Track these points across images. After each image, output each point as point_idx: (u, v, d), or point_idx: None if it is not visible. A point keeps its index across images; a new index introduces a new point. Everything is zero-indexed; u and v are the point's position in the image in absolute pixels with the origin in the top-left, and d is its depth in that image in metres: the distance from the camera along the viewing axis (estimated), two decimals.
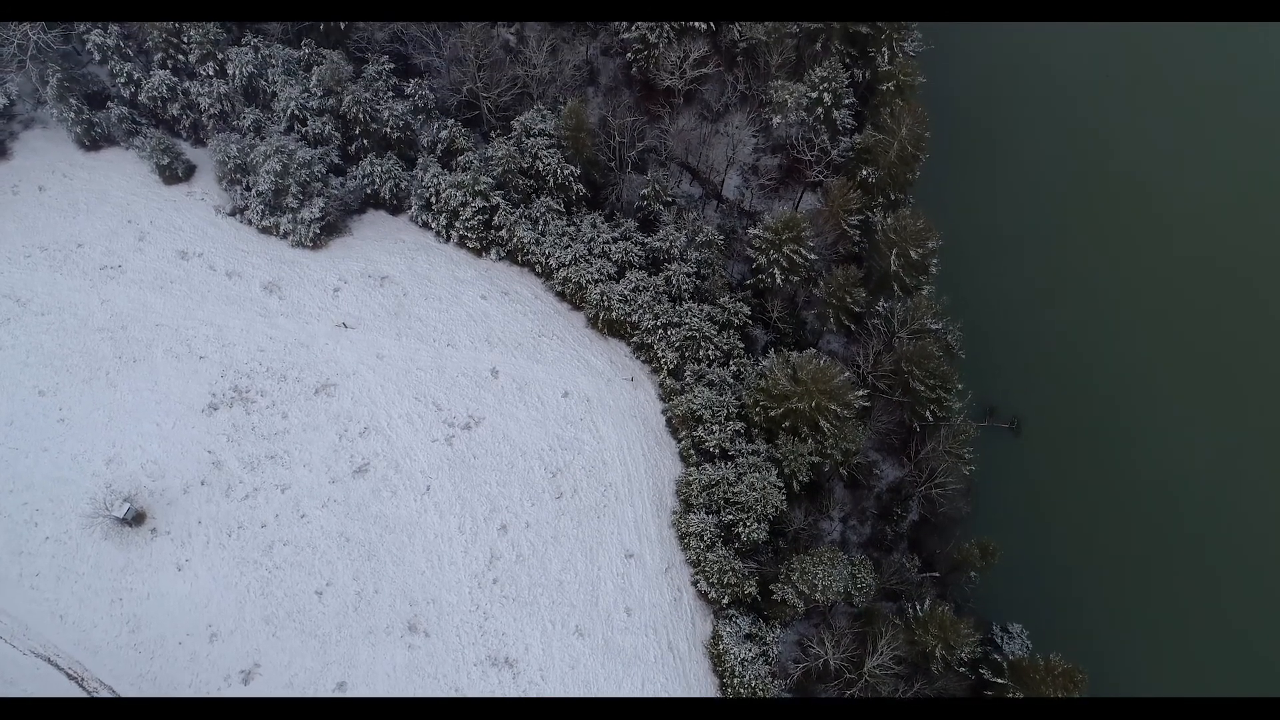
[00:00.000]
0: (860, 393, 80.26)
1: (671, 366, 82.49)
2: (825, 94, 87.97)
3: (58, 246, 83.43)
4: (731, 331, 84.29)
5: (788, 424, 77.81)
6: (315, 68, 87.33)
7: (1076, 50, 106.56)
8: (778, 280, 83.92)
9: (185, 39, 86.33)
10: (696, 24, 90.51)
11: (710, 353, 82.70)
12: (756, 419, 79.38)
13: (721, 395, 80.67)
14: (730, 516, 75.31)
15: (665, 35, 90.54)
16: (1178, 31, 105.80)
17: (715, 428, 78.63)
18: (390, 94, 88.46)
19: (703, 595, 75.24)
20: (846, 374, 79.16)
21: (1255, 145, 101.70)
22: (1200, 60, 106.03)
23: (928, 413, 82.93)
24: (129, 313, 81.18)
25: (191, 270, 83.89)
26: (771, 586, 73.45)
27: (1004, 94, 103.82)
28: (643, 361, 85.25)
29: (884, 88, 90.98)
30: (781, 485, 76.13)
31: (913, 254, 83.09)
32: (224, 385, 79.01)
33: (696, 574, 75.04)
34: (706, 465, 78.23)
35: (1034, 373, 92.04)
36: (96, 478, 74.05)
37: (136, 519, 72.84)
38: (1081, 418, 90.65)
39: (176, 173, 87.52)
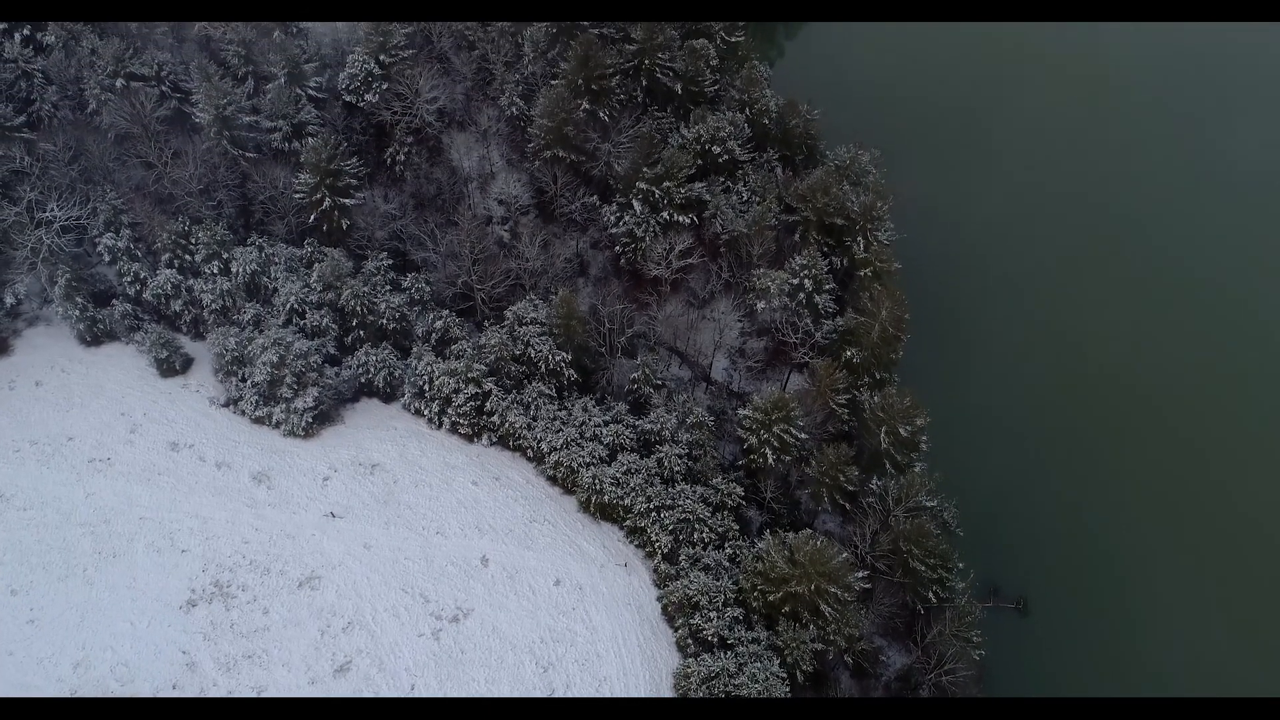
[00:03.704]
0: (860, 574, 78.41)
1: (665, 551, 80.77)
2: (806, 280, 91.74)
3: (48, 440, 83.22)
4: (725, 513, 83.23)
5: (787, 609, 75.38)
6: (316, 264, 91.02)
7: (1043, 231, 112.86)
8: (770, 460, 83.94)
9: (193, 240, 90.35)
10: (681, 219, 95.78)
11: (705, 535, 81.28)
12: (755, 604, 76.92)
13: (718, 580, 78.52)
14: None
15: (652, 229, 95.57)
16: (1141, 206, 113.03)
17: (713, 614, 75.94)
18: (388, 288, 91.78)
19: None
20: (844, 554, 77.65)
21: (1239, 316, 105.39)
22: (1168, 233, 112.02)
23: (930, 594, 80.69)
24: (113, 506, 79.80)
25: (181, 462, 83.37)
26: None
27: (979, 276, 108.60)
28: (636, 546, 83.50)
29: (862, 274, 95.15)
30: (785, 676, 72.75)
31: (902, 431, 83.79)
32: (204, 580, 76.48)
33: None
34: (705, 655, 74.82)
35: (1034, 550, 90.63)
36: (61, 683, 69.96)
37: None
38: (1087, 595, 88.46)
39: (174, 366, 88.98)
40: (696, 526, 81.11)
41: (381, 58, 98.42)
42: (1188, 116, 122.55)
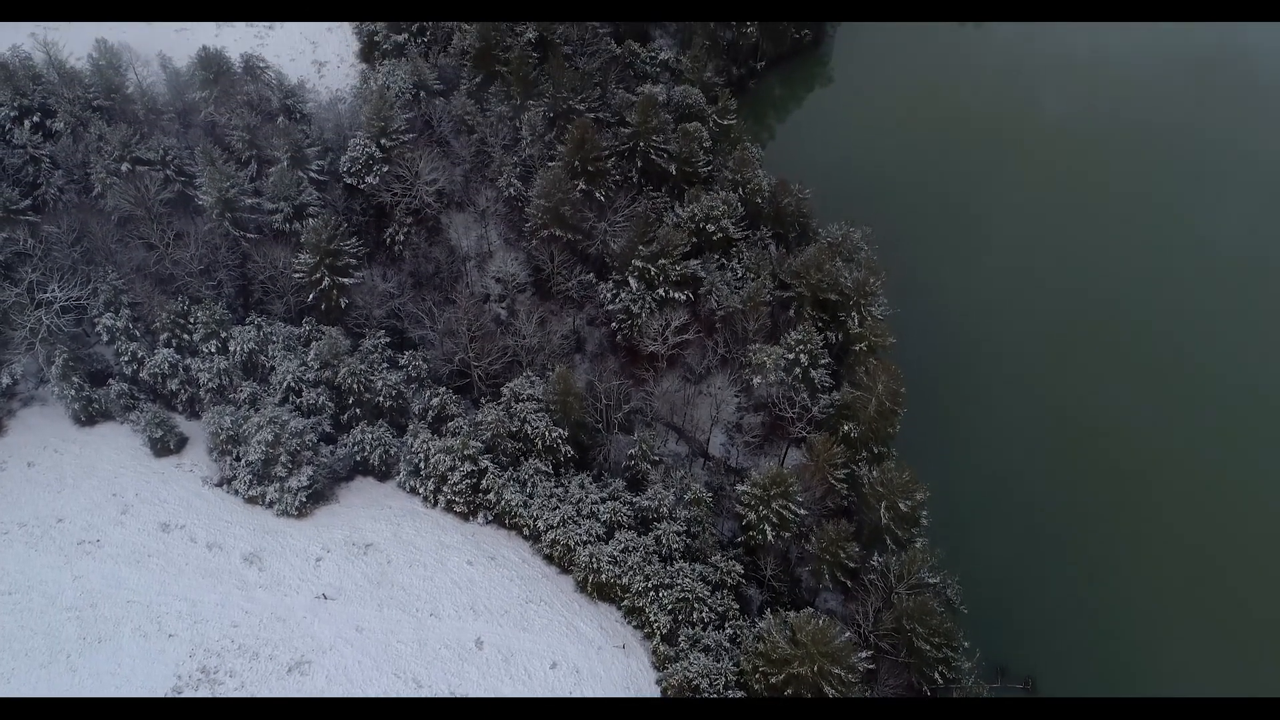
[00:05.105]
0: (863, 654, 76.62)
1: (664, 631, 79.05)
2: (802, 355, 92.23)
3: (37, 522, 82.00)
4: (725, 592, 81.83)
5: (790, 691, 73.35)
6: (314, 343, 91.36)
7: (1034, 305, 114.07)
8: (769, 537, 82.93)
9: (191, 319, 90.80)
10: (676, 295, 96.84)
11: (704, 615, 79.68)
12: (757, 686, 74.91)
13: (718, 661, 76.67)
14: None
15: (648, 306, 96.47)
16: (1129, 283, 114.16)
17: (714, 698, 73.81)
18: (385, 365, 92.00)
19: None
20: (847, 634, 76.12)
21: (1234, 387, 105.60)
22: (1157, 310, 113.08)
23: (936, 674, 78.71)
24: (101, 590, 78.16)
25: (171, 543, 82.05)
26: None
27: (974, 349, 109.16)
28: (634, 626, 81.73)
29: (857, 348, 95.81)
30: None
31: (902, 506, 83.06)
32: (191, 666, 74.39)
33: None
34: None
35: (1041, 627, 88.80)
36: None
37: None
38: (1097, 673, 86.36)
39: (168, 445, 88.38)
40: (696, 606, 79.58)
41: (383, 141, 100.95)
42: (1170, 201, 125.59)
